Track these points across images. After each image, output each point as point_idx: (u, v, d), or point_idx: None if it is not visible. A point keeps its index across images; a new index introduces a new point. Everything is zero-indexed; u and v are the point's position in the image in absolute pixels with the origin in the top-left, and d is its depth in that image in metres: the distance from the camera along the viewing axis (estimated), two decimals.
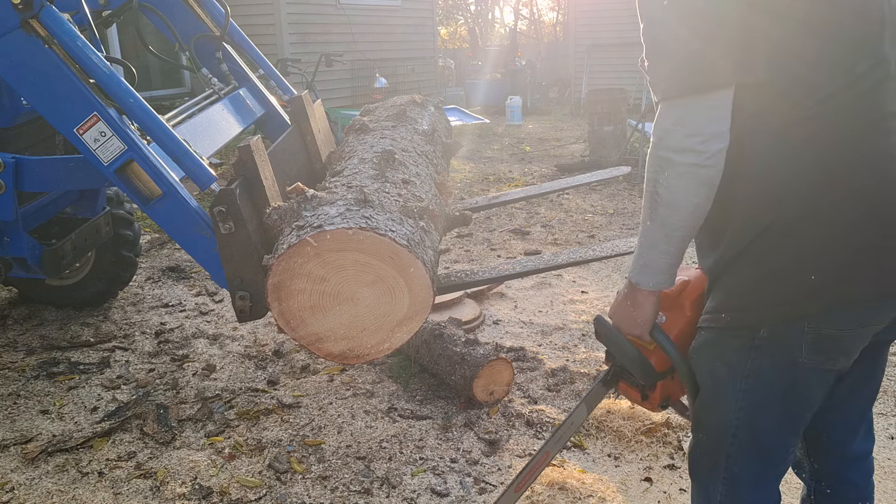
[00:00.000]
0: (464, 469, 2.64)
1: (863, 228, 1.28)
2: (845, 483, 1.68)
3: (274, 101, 3.41)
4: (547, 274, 4.58)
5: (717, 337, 1.43)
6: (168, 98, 8.92)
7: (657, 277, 1.42)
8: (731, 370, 1.41)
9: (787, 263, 1.30)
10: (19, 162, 2.95)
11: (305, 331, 2.03)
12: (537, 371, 3.33)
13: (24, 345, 3.67)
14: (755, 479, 1.49)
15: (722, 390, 1.44)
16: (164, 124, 2.36)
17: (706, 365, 1.46)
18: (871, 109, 1.29)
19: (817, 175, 1.27)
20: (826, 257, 1.29)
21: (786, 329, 1.34)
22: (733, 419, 1.43)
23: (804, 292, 1.30)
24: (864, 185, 1.28)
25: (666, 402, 1.67)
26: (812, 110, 1.27)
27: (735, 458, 1.47)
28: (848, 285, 1.30)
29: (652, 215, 1.35)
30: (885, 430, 2.87)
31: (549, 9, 28.47)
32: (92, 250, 3.90)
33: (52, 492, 2.53)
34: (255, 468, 2.65)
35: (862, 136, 1.29)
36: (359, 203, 2.04)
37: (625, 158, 7.37)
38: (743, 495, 1.50)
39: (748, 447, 1.45)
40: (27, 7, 2.23)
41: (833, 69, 1.28)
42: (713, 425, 1.49)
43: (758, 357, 1.37)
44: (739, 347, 1.39)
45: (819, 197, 1.28)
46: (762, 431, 1.44)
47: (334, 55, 8.71)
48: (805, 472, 1.73)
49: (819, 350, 1.34)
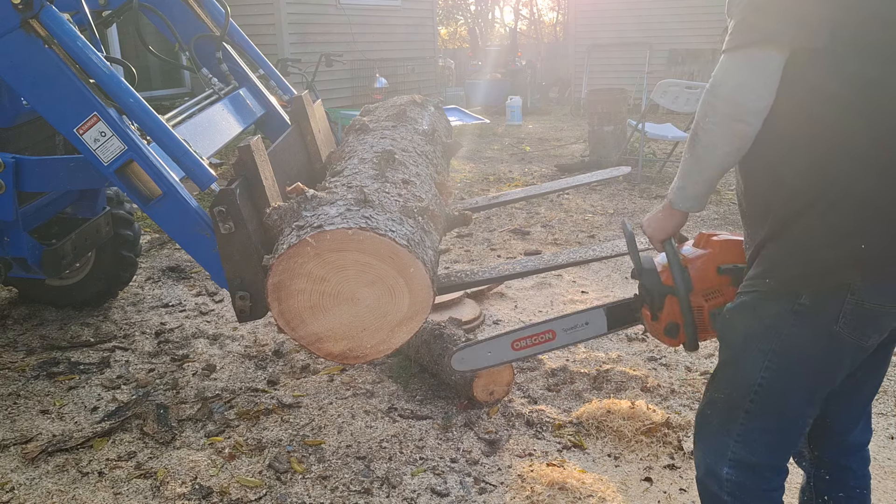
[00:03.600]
0: (464, 469, 2.64)
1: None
2: (844, 470, 1.74)
3: (274, 101, 3.41)
4: (547, 274, 4.58)
5: (758, 300, 1.49)
6: (168, 98, 8.92)
7: (688, 202, 1.60)
8: (766, 330, 1.47)
9: (837, 234, 1.36)
10: (19, 162, 2.95)
11: (305, 331, 2.03)
12: (537, 371, 3.33)
13: (24, 345, 3.67)
14: (767, 442, 1.54)
15: (752, 349, 1.49)
16: (164, 124, 2.36)
17: (741, 324, 1.52)
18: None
19: (872, 158, 1.33)
20: (876, 231, 1.34)
21: (827, 297, 1.39)
22: (758, 377, 1.49)
23: (851, 262, 1.35)
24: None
25: (672, 328, 1.77)
26: (875, 83, 1.32)
27: (753, 415, 1.52)
28: (890, 263, 1.35)
29: (691, 150, 1.50)
30: (885, 430, 2.87)
31: (549, 9, 28.48)
32: (92, 250, 3.90)
33: (52, 492, 2.53)
34: (255, 468, 2.65)
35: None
36: (359, 203, 2.04)
37: (625, 158, 7.37)
38: (754, 456, 1.54)
39: (768, 406, 1.50)
40: (27, 7, 2.23)
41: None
42: (736, 383, 1.54)
43: (796, 322, 1.43)
44: (779, 310, 1.45)
45: (872, 172, 1.33)
46: (784, 392, 1.49)
47: (334, 55, 8.71)
48: (805, 461, 1.79)
49: (856, 322, 1.39)
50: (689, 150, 1.52)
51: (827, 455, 1.74)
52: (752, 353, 1.49)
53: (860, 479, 1.75)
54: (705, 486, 1.63)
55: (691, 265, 1.75)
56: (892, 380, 3.25)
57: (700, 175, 1.53)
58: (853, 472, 1.74)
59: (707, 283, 1.75)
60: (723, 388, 1.58)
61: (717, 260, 1.75)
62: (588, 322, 1.99)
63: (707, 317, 1.75)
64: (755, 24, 1.34)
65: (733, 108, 1.38)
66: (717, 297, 1.75)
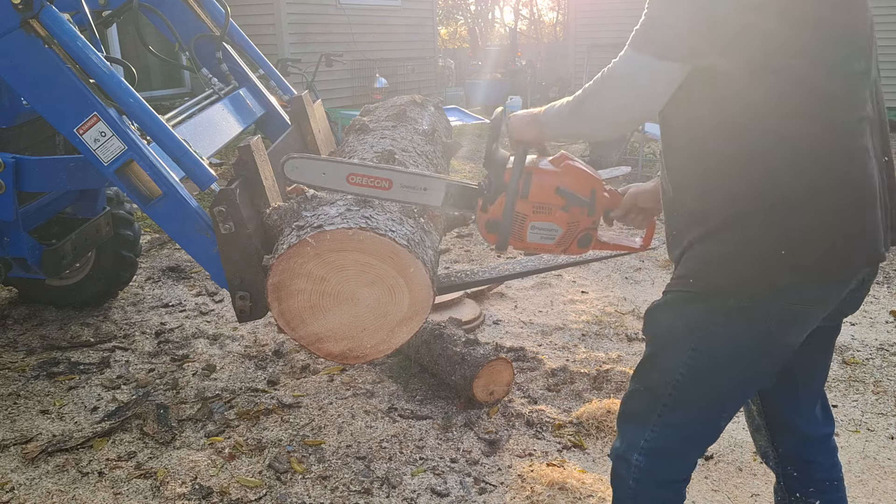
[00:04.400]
0: (464, 469, 2.64)
1: (842, 215, 1.38)
2: (810, 464, 1.77)
3: (274, 101, 3.41)
4: (547, 274, 4.58)
5: (682, 299, 1.52)
6: (168, 98, 8.92)
7: (552, 133, 1.66)
8: (688, 328, 1.51)
9: (762, 241, 1.39)
10: (19, 162, 2.95)
11: (305, 331, 2.03)
12: (537, 371, 3.33)
13: (24, 345, 3.67)
14: (682, 434, 1.59)
15: (674, 345, 1.54)
16: (164, 124, 2.36)
17: (664, 321, 1.56)
18: (858, 107, 1.39)
19: (805, 165, 1.36)
20: (797, 239, 1.38)
21: (753, 298, 1.43)
22: (677, 373, 1.53)
23: (776, 267, 1.39)
24: (846, 177, 1.37)
25: (493, 225, 1.84)
26: (807, 105, 1.35)
27: (671, 408, 1.56)
28: (821, 265, 1.39)
29: (579, 102, 1.52)
30: (885, 430, 2.88)
31: (549, 9, 28.48)
32: (92, 250, 3.90)
33: (52, 492, 2.53)
34: (255, 468, 2.66)
35: (849, 132, 1.37)
36: (359, 203, 2.04)
37: (625, 158, 7.37)
38: (668, 442, 1.59)
39: (685, 402, 1.55)
40: (27, 7, 2.23)
41: (832, 68, 1.35)
42: (656, 376, 1.58)
43: (719, 322, 1.47)
44: (702, 310, 1.48)
45: (804, 184, 1.36)
46: (702, 389, 1.53)
47: (334, 55, 8.71)
48: (772, 461, 1.82)
49: (781, 322, 1.44)
50: (578, 99, 1.52)
51: (791, 452, 1.78)
52: (674, 349, 1.53)
53: (828, 471, 1.78)
54: (616, 469, 1.68)
55: (536, 175, 1.78)
56: (892, 380, 3.25)
57: (576, 125, 1.60)
58: (819, 465, 1.77)
59: (542, 196, 1.79)
60: (644, 381, 1.62)
61: (561, 181, 1.79)
62: (427, 188, 2.00)
63: (527, 227, 1.82)
64: (664, 34, 1.36)
65: (621, 105, 1.45)
66: (544, 214, 1.80)
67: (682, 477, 1.65)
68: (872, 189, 1.40)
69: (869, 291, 1.61)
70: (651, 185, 1.85)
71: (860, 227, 1.39)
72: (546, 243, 1.85)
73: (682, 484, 1.66)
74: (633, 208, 1.87)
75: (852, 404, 3.07)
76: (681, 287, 1.52)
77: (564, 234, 1.84)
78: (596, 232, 1.88)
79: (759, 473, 2.60)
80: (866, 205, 1.39)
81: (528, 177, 1.78)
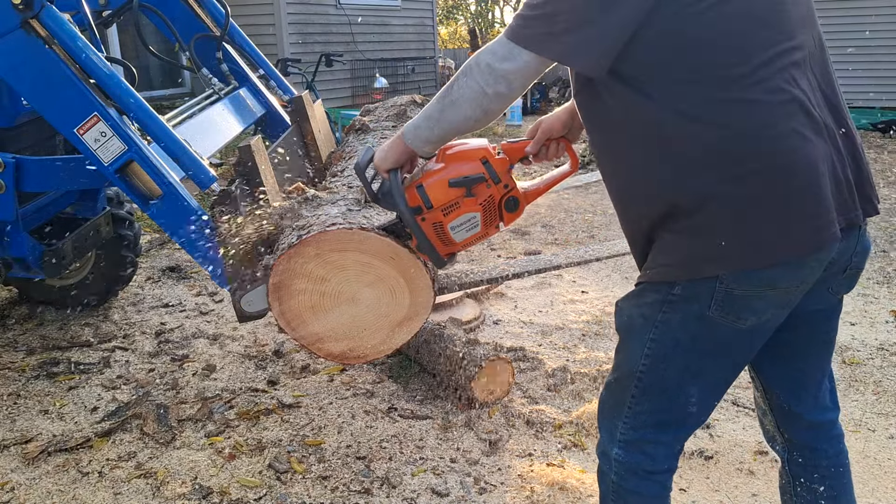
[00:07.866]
0: (464, 469, 2.64)
1: (772, 201, 1.39)
2: (815, 451, 1.78)
3: (274, 101, 3.41)
4: (547, 274, 4.58)
5: (641, 290, 1.57)
6: (168, 98, 8.92)
7: (419, 143, 1.65)
8: (644, 320, 1.55)
9: (701, 233, 1.43)
10: (20, 162, 2.94)
11: (306, 331, 2.04)
12: (537, 371, 3.33)
13: (24, 345, 3.67)
14: (655, 421, 1.60)
15: (634, 337, 1.57)
16: (164, 124, 2.36)
17: (627, 312, 1.60)
18: (782, 90, 1.38)
19: (733, 152, 1.38)
20: (733, 230, 1.41)
21: (697, 286, 1.47)
22: (640, 364, 1.56)
23: (715, 257, 1.43)
24: (772, 163, 1.38)
25: (420, 249, 1.82)
26: (725, 91, 1.37)
27: (638, 398, 1.59)
28: (754, 252, 1.42)
29: (441, 99, 1.56)
30: (886, 430, 2.88)
31: None
32: (92, 250, 3.90)
33: (52, 492, 2.53)
34: (255, 468, 2.65)
35: (773, 117, 1.38)
36: (359, 203, 2.05)
37: None
38: (641, 432, 1.61)
39: (651, 390, 1.58)
40: (27, 7, 2.23)
41: (747, 53, 1.37)
42: (625, 368, 1.61)
43: (668, 310, 1.51)
44: (654, 300, 1.53)
45: (725, 177, 1.39)
46: (664, 377, 1.56)
47: (334, 55, 8.70)
48: (778, 445, 1.84)
49: (727, 307, 1.46)
50: (439, 96, 1.56)
51: (796, 438, 1.78)
52: (635, 340, 1.57)
53: (833, 457, 1.78)
54: (599, 465, 1.70)
55: (425, 181, 1.75)
56: (892, 380, 3.25)
57: (438, 124, 1.59)
58: (824, 452, 1.77)
59: (441, 198, 1.75)
60: (615, 373, 1.65)
61: (448, 174, 1.75)
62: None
63: (448, 232, 1.79)
64: (537, 30, 1.40)
65: (490, 87, 1.47)
66: (455, 210, 1.77)
67: (664, 467, 1.64)
68: (812, 170, 1.38)
69: (863, 270, 1.59)
70: (557, 114, 1.86)
71: (800, 211, 1.39)
72: (475, 232, 1.81)
73: (664, 475, 1.65)
74: (548, 143, 1.89)
75: (852, 404, 3.07)
76: (640, 279, 1.58)
77: (485, 215, 1.80)
78: (517, 190, 1.83)
79: (759, 473, 2.60)
80: (805, 188, 1.38)
81: (421, 188, 1.74)
